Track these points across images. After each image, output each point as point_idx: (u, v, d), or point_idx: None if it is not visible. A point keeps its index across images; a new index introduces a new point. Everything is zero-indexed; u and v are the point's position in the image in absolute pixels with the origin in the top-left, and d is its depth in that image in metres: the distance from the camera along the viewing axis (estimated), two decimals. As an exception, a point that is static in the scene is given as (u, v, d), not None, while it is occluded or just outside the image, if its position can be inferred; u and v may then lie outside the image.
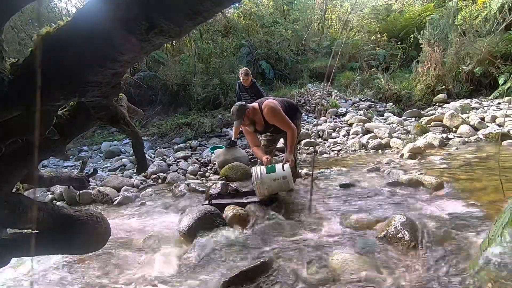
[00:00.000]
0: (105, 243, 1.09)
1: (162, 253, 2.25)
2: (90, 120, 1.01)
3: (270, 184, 2.64)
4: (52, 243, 0.99)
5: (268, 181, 2.64)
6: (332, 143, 5.33)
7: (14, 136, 0.80)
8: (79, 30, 0.61)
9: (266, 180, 2.64)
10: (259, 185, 2.64)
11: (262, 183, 2.63)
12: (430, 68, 7.55)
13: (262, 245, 2.19)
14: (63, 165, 5.01)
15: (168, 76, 8.14)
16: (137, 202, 3.50)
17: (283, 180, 2.64)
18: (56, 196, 3.75)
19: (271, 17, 10.67)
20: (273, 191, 2.74)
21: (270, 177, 2.64)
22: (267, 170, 2.67)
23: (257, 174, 2.65)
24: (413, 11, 9.96)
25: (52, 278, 2.03)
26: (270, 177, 2.64)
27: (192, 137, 6.28)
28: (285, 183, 2.65)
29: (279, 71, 9.69)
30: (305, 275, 1.80)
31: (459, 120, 5.26)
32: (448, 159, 3.82)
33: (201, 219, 2.44)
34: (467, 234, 2.04)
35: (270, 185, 2.64)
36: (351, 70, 9.50)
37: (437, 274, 1.69)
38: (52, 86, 0.68)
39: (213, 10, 0.58)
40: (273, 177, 2.64)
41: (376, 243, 2.05)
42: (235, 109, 2.84)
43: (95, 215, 1.04)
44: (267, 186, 2.64)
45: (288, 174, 2.66)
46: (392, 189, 3.01)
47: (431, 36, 7.66)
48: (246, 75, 4.71)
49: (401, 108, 7.28)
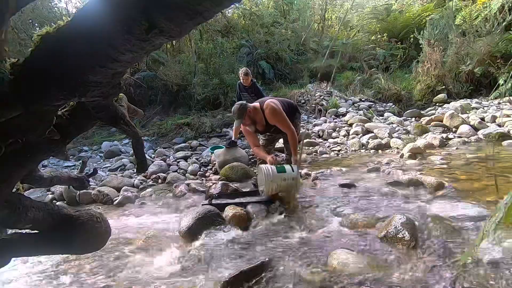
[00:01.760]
0: (105, 243, 1.09)
1: (162, 253, 2.25)
2: (90, 120, 1.01)
3: (280, 184, 2.68)
4: (52, 243, 0.99)
5: (278, 180, 2.67)
6: (332, 143, 5.33)
7: (14, 136, 0.80)
8: (79, 30, 0.61)
9: (276, 179, 2.66)
10: (269, 184, 2.66)
11: (273, 182, 2.65)
12: (430, 68, 7.55)
13: (262, 245, 2.18)
14: (63, 165, 5.01)
15: (168, 76, 8.14)
16: (137, 202, 3.50)
17: (292, 181, 2.70)
18: (56, 196, 3.75)
19: (271, 17, 10.68)
20: (281, 190, 2.78)
21: (281, 177, 2.68)
22: (278, 169, 2.70)
23: (268, 172, 2.67)
24: (413, 11, 9.97)
25: (51, 278, 2.02)
26: (281, 177, 2.68)
27: (192, 137, 6.28)
28: (293, 184, 2.72)
29: (279, 71, 9.70)
30: (305, 275, 1.80)
31: (459, 120, 5.26)
32: (448, 159, 3.82)
33: (201, 219, 2.45)
34: (467, 234, 2.04)
35: (279, 184, 2.68)
36: (351, 70, 9.51)
37: (437, 274, 1.68)
38: (52, 86, 0.68)
39: (213, 10, 0.58)
40: (284, 177, 2.68)
41: (376, 243, 2.05)
42: (236, 109, 2.84)
43: (95, 215, 1.04)
44: (276, 185, 2.68)
45: (297, 175, 2.73)
46: (392, 189, 3.01)
47: (431, 36, 7.67)
48: (246, 75, 4.71)
49: (401, 108, 7.28)
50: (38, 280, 2.02)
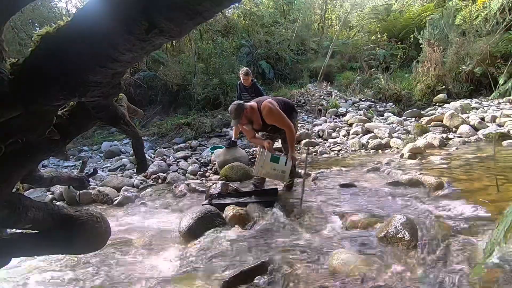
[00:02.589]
0: (105, 243, 1.09)
1: (162, 253, 2.25)
2: (90, 120, 1.01)
3: (268, 171, 2.89)
4: (52, 243, 0.99)
5: (268, 168, 2.87)
6: (332, 143, 5.33)
7: (14, 136, 0.80)
8: (79, 30, 0.61)
9: (267, 167, 2.86)
10: (258, 167, 2.88)
11: (262, 167, 2.86)
12: (430, 68, 7.55)
13: (262, 245, 2.19)
14: (63, 165, 5.01)
15: (168, 76, 8.13)
16: (137, 202, 3.50)
17: (281, 173, 2.90)
18: (56, 196, 3.75)
19: (271, 17, 10.66)
20: (269, 177, 3.07)
21: (272, 166, 2.87)
22: (271, 159, 2.88)
23: (262, 157, 2.86)
24: (413, 11, 9.96)
25: (51, 278, 2.02)
26: (272, 166, 2.87)
27: (192, 137, 6.28)
28: (281, 176, 2.92)
29: (279, 71, 9.69)
30: (305, 275, 1.80)
31: (459, 120, 5.26)
32: (448, 159, 3.82)
33: (201, 219, 2.45)
34: (467, 234, 2.05)
35: (267, 171, 2.89)
36: (351, 70, 9.50)
37: (437, 274, 1.69)
38: (52, 86, 0.68)
39: (213, 10, 0.58)
40: (274, 167, 2.87)
41: (376, 243, 2.06)
42: (233, 108, 2.84)
43: (95, 215, 1.04)
44: (265, 172, 2.89)
45: (287, 170, 2.90)
46: (392, 189, 3.01)
47: (431, 36, 7.66)
48: (246, 75, 4.70)
49: (401, 108, 7.28)
50: (37, 280, 2.02)
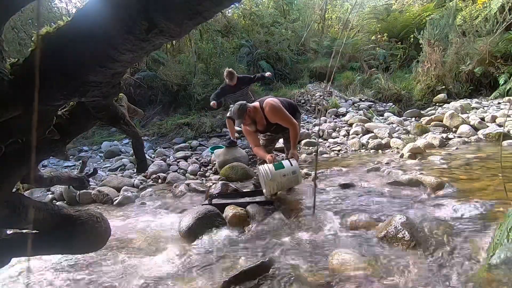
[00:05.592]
0: (105, 243, 1.09)
1: (162, 253, 2.25)
2: (90, 120, 1.01)
3: (280, 181, 2.64)
4: (52, 243, 0.99)
5: (278, 178, 2.64)
6: (332, 143, 5.33)
7: (14, 136, 0.80)
8: (79, 30, 0.61)
9: (276, 177, 2.63)
10: (269, 183, 2.63)
11: (272, 180, 2.62)
12: (430, 68, 7.55)
13: (262, 245, 2.18)
14: (63, 165, 5.01)
15: (168, 76, 8.13)
16: (137, 202, 3.50)
17: (293, 175, 2.66)
18: (56, 196, 3.75)
19: (271, 17, 10.66)
20: (283, 187, 2.76)
21: (280, 174, 2.64)
22: (276, 167, 2.67)
23: (266, 172, 2.64)
24: (413, 11, 9.96)
25: (50, 279, 2.02)
26: (280, 174, 2.64)
27: (192, 137, 6.28)
28: (295, 178, 2.68)
29: (279, 71, 9.69)
30: (305, 275, 1.80)
31: (459, 120, 5.26)
32: (448, 159, 3.82)
33: (201, 219, 2.45)
34: (467, 234, 2.04)
35: (280, 181, 2.64)
36: (351, 70, 9.50)
37: (437, 274, 1.68)
38: (52, 86, 0.68)
39: (213, 10, 0.58)
40: (283, 173, 2.64)
41: (376, 243, 2.05)
42: (236, 109, 2.83)
43: (95, 215, 1.04)
44: (277, 183, 2.65)
45: (297, 168, 2.68)
46: (392, 189, 3.01)
47: (431, 36, 7.66)
48: (231, 78, 4.72)
49: (401, 108, 7.28)
50: (37, 280, 2.02)
